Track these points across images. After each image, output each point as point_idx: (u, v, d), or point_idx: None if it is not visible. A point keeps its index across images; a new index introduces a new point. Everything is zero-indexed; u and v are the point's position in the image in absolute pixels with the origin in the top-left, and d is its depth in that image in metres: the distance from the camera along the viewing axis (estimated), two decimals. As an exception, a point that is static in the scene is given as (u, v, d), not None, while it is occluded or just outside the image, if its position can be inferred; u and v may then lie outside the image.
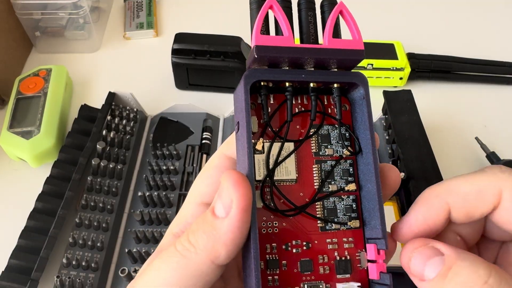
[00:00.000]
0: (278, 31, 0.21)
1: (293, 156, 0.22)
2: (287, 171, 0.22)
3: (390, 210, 0.49)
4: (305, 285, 0.21)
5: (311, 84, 0.22)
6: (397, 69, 0.63)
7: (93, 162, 0.49)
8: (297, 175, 0.22)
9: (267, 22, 0.21)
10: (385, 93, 0.55)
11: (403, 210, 0.48)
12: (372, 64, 0.62)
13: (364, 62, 0.62)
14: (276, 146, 0.22)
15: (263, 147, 0.21)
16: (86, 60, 0.68)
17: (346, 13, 0.22)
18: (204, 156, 0.54)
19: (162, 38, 0.73)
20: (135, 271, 0.43)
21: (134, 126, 0.56)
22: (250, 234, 0.19)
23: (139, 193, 0.48)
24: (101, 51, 0.70)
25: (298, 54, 0.20)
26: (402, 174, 0.47)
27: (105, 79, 0.66)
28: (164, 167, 0.51)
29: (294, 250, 0.21)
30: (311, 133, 0.22)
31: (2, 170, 0.55)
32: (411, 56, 0.65)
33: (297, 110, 0.23)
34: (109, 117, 0.54)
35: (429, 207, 0.22)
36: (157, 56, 0.67)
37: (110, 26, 0.74)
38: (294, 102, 0.23)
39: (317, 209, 0.22)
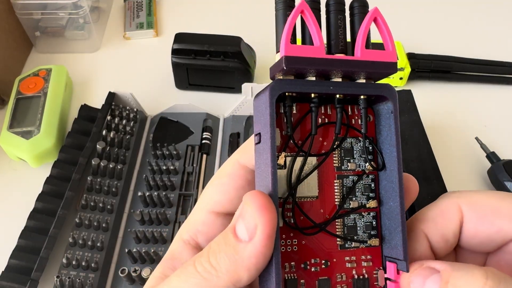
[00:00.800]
0: (305, 37, 0.20)
1: (315, 171, 0.21)
2: (309, 187, 0.21)
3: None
4: None
5: (337, 95, 0.21)
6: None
7: (93, 162, 0.49)
8: (318, 191, 0.21)
9: (295, 31, 0.19)
10: (385, 93, 0.55)
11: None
12: (372, 64, 0.62)
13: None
14: (299, 160, 0.21)
15: (285, 162, 0.20)
16: (86, 60, 0.68)
17: (381, 21, 0.20)
18: (204, 156, 0.54)
19: (162, 38, 0.73)
20: (135, 271, 0.43)
21: (134, 126, 0.56)
22: (272, 257, 0.19)
23: (139, 193, 0.48)
24: (101, 51, 0.70)
25: (330, 67, 0.19)
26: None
27: (105, 79, 0.66)
28: (164, 167, 0.51)
29: (312, 269, 0.21)
30: (334, 146, 0.21)
31: (2, 170, 0.55)
32: (411, 56, 0.65)
33: (320, 121, 0.21)
34: (109, 117, 0.54)
35: (409, 240, 0.22)
36: (157, 56, 0.67)
37: (110, 26, 0.74)
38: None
39: (337, 226, 0.21)
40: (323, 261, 0.21)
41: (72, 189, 0.47)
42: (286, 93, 0.20)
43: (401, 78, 0.64)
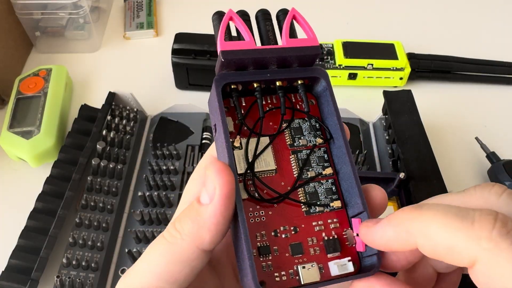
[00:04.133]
0: (239, 38, 0.23)
1: (270, 149, 0.23)
2: (266, 162, 0.23)
3: (390, 210, 0.49)
4: (298, 267, 0.21)
5: (277, 83, 0.23)
6: (397, 69, 0.63)
7: (93, 162, 0.49)
8: (276, 166, 0.23)
9: (230, 33, 0.23)
10: (385, 93, 0.55)
11: (403, 210, 0.48)
12: (372, 64, 0.62)
13: (364, 62, 0.62)
14: (253, 141, 0.23)
15: (240, 143, 0.23)
16: (86, 60, 0.68)
17: (299, 17, 0.24)
18: (204, 156, 0.54)
19: (162, 38, 0.73)
20: (135, 271, 0.43)
21: (134, 126, 0.56)
22: (238, 221, 0.20)
23: (139, 193, 0.48)
24: (101, 51, 0.70)
25: (260, 55, 0.22)
26: (402, 174, 0.47)
27: (105, 79, 0.66)
28: (164, 167, 0.51)
29: (283, 236, 0.22)
30: (283, 127, 0.24)
31: (2, 170, 0.55)
32: (411, 56, 0.65)
33: (267, 109, 0.24)
34: (109, 117, 0.54)
35: (396, 237, 0.19)
36: (157, 56, 0.67)
37: (110, 26, 0.74)
38: (264, 102, 0.24)
39: (299, 196, 0.23)
40: (292, 228, 0.22)
41: (72, 189, 0.47)
42: (232, 86, 0.23)
43: (401, 78, 0.64)
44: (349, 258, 0.22)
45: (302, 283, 0.21)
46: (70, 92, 0.62)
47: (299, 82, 0.24)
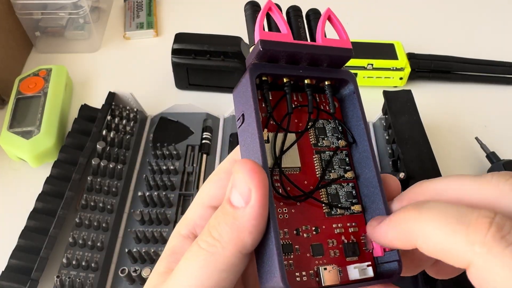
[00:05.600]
0: (272, 29, 0.23)
1: (295, 146, 0.23)
2: (292, 159, 0.23)
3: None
4: (320, 268, 0.21)
5: (306, 81, 0.23)
6: (397, 69, 0.63)
7: (93, 162, 0.49)
8: (300, 164, 0.23)
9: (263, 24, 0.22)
10: (385, 93, 0.55)
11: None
12: (372, 64, 0.62)
13: (364, 62, 0.62)
14: (280, 136, 0.23)
15: (268, 137, 0.22)
16: (86, 60, 0.68)
17: (334, 18, 0.24)
18: (204, 156, 0.54)
19: (162, 38, 0.73)
20: (135, 271, 0.43)
21: (134, 126, 0.56)
22: (268, 220, 0.19)
23: (139, 193, 0.48)
24: (101, 51, 0.70)
25: (298, 49, 0.22)
26: (402, 174, 0.47)
27: (105, 79, 0.66)
28: (164, 167, 0.51)
29: (305, 235, 0.21)
30: (309, 126, 0.24)
31: (2, 170, 0.55)
32: (411, 56, 0.65)
33: (294, 106, 0.24)
34: (109, 117, 0.54)
35: (397, 237, 0.20)
36: (157, 56, 0.67)
37: (110, 26, 0.74)
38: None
39: (321, 196, 0.23)
40: (313, 228, 0.22)
41: (72, 189, 0.47)
42: (262, 78, 0.22)
43: (401, 78, 0.64)
44: (369, 263, 0.22)
45: (323, 284, 0.21)
46: (70, 92, 0.62)
47: (326, 83, 0.24)
